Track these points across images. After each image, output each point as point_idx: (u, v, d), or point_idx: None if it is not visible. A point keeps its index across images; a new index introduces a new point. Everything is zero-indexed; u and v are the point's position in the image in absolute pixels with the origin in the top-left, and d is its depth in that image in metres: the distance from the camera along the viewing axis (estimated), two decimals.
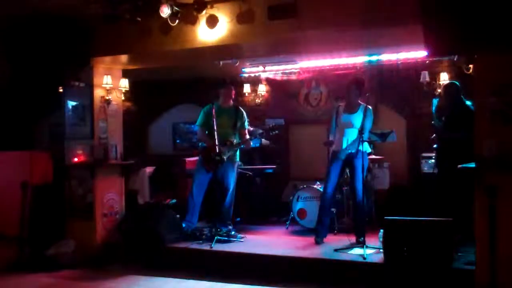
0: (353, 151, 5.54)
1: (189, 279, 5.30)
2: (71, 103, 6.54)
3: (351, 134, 5.66)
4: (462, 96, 5.65)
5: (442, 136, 5.72)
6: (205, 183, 6.33)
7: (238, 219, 7.06)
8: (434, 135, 5.93)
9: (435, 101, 7.00)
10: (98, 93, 6.48)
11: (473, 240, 4.33)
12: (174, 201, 7.54)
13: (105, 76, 6.46)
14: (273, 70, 8.39)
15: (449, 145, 5.57)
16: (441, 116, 5.88)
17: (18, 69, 6.74)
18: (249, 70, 8.45)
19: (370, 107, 5.64)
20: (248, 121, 6.52)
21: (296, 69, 8.24)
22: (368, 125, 5.59)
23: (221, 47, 5.56)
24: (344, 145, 5.66)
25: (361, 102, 5.71)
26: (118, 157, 6.55)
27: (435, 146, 5.98)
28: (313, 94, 8.39)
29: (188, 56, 6.22)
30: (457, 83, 5.83)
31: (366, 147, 5.63)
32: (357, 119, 5.61)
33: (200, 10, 5.31)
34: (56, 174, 6.61)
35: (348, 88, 5.76)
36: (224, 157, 5.97)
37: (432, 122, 6.10)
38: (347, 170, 5.90)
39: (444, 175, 5.67)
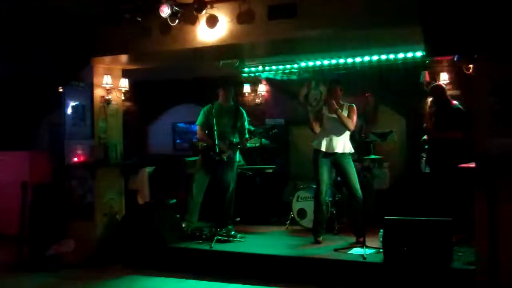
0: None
1: (189, 279, 5.30)
2: (71, 103, 6.55)
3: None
4: (447, 97, 5.90)
5: (434, 136, 5.92)
6: (205, 183, 6.34)
7: (238, 219, 7.05)
8: (425, 136, 6.19)
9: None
10: (98, 93, 6.48)
11: (473, 240, 4.34)
12: (174, 201, 7.53)
13: (105, 76, 6.47)
14: (273, 70, 8.39)
15: (440, 145, 5.76)
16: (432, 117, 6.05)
17: (18, 69, 6.74)
18: (249, 70, 8.44)
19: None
20: (248, 121, 6.53)
21: (296, 69, 8.23)
22: None
23: (221, 47, 5.56)
24: (332, 144, 5.71)
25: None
26: (118, 157, 6.55)
27: (426, 146, 6.23)
28: (313, 94, 8.36)
29: (188, 56, 6.21)
30: (442, 84, 6.13)
31: (350, 148, 5.80)
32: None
33: (200, 10, 5.31)
34: (56, 174, 6.62)
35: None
36: (224, 157, 5.97)
37: (424, 124, 6.26)
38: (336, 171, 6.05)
39: (436, 174, 5.85)
